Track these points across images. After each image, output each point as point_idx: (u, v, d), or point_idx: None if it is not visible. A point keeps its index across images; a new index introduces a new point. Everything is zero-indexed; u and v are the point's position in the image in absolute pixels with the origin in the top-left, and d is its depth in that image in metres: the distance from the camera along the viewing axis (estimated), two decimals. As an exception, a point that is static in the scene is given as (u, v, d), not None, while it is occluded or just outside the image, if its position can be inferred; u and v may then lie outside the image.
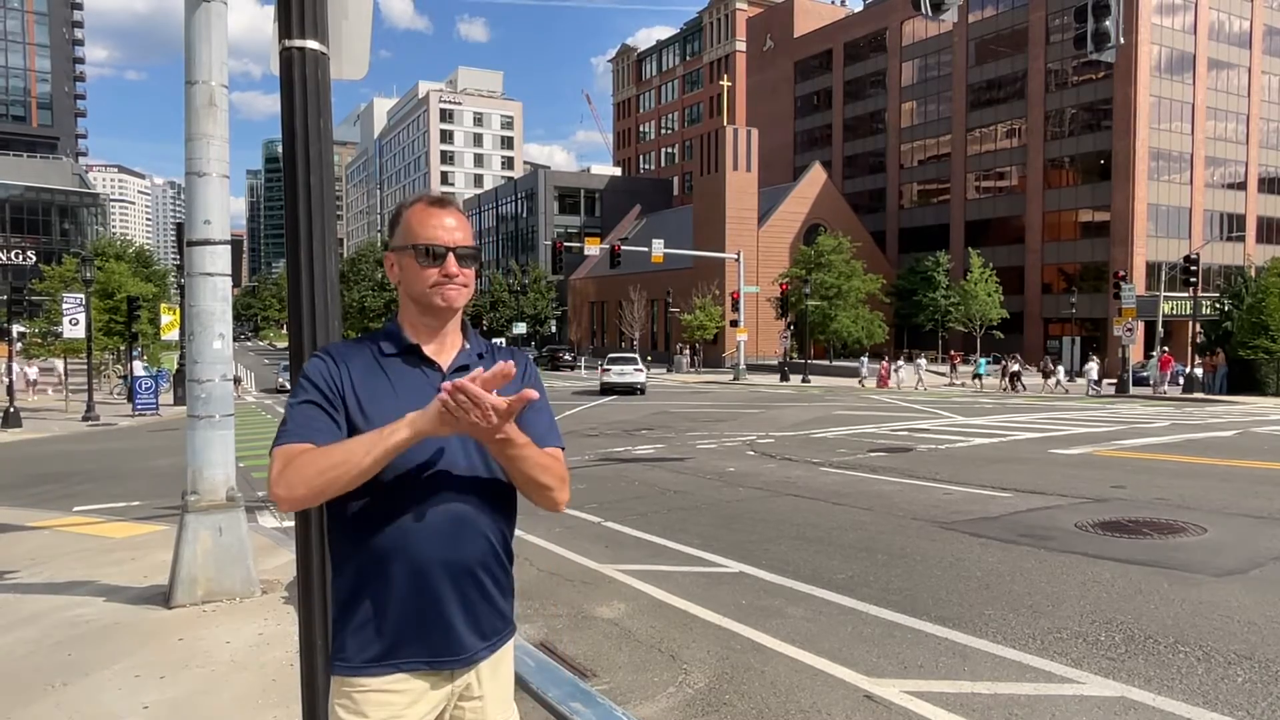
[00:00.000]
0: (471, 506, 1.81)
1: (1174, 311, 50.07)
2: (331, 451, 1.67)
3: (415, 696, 1.81)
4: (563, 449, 1.94)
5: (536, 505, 1.89)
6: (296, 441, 1.72)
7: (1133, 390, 35.13)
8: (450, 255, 1.81)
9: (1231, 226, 58.73)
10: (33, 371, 28.18)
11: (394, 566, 1.77)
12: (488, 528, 1.84)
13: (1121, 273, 40.59)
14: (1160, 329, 39.80)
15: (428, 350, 1.86)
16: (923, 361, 42.92)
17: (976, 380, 41.60)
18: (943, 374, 46.44)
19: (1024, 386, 38.01)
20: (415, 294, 1.84)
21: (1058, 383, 38.38)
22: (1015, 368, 39.10)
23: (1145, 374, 39.83)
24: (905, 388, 39.14)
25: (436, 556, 1.78)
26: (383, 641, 1.78)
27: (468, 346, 1.93)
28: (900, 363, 43.18)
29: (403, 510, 1.76)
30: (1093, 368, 38.38)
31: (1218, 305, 40.35)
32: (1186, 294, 41.07)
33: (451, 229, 1.83)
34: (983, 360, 43.99)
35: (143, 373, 31.13)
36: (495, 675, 1.92)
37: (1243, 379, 33.86)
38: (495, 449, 1.73)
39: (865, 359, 44.53)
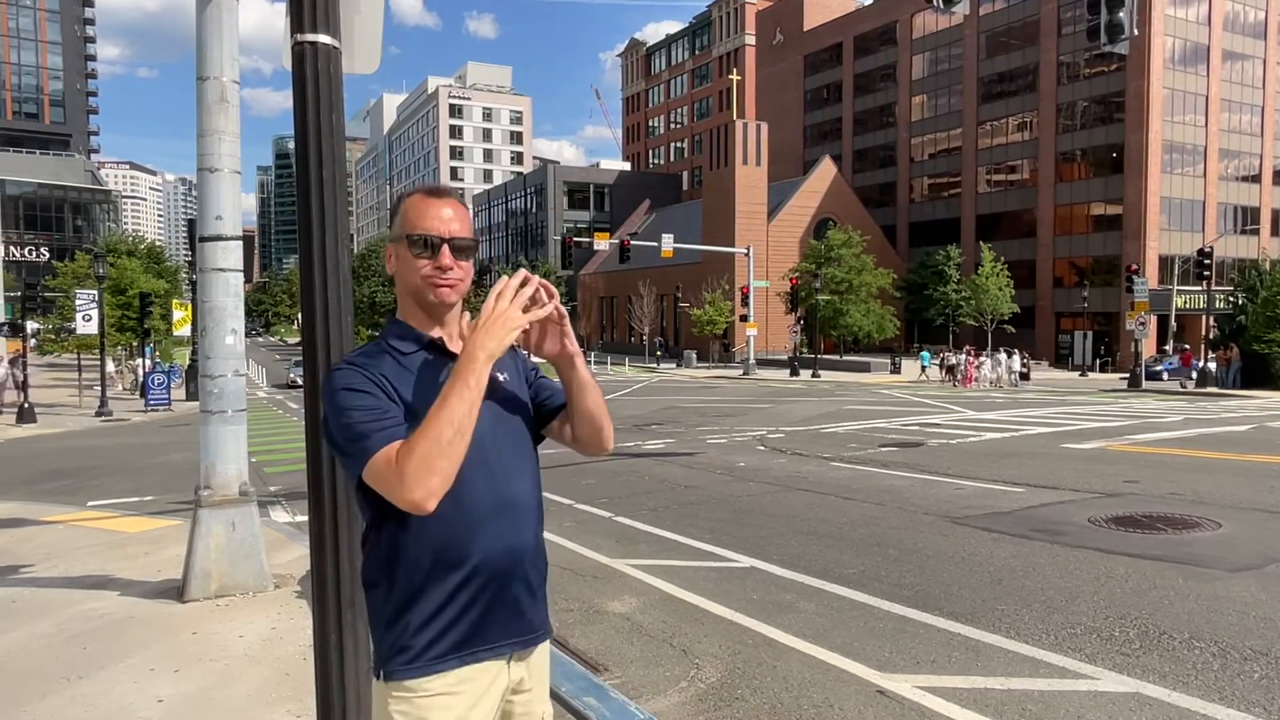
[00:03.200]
0: (524, 495, 1.85)
1: (1187, 305, 49.71)
2: (430, 427, 1.60)
3: (477, 696, 1.79)
4: None
5: (586, 448, 1.94)
6: (387, 442, 1.65)
7: (1145, 384, 34.93)
8: (445, 247, 1.79)
9: (1245, 219, 58.23)
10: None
11: (464, 556, 1.75)
12: (537, 514, 1.89)
13: (1134, 266, 40.21)
14: (1173, 323, 39.55)
15: (447, 343, 1.87)
16: (1002, 356, 39.90)
17: (924, 373, 42.16)
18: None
19: (958, 380, 38.95)
20: (410, 287, 1.83)
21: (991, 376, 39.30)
22: (953, 361, 40.51)
23: (1159, 368, 39.63)
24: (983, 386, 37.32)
25: (501, 544, 1.79)
26: (458, 631, 1.76)
27: None
28: (984, 358, 39.76)
29: (465, 499, 1.74)
30: (1015, 360, 38.81)
31: (1231, 299, 40.00)
32: (1200, 288, 40.72)
33: (447, 220, 1.81)
34: (925, 353, 44.64)
35: (151, 368, 31.33)
36: (541, 668, 1.96)
37: (1257, 373, 33.61)
38: (564, 363, 1.84)
39: (964, 355, 40.12)
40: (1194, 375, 34.87)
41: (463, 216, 1.84)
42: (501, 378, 1.87)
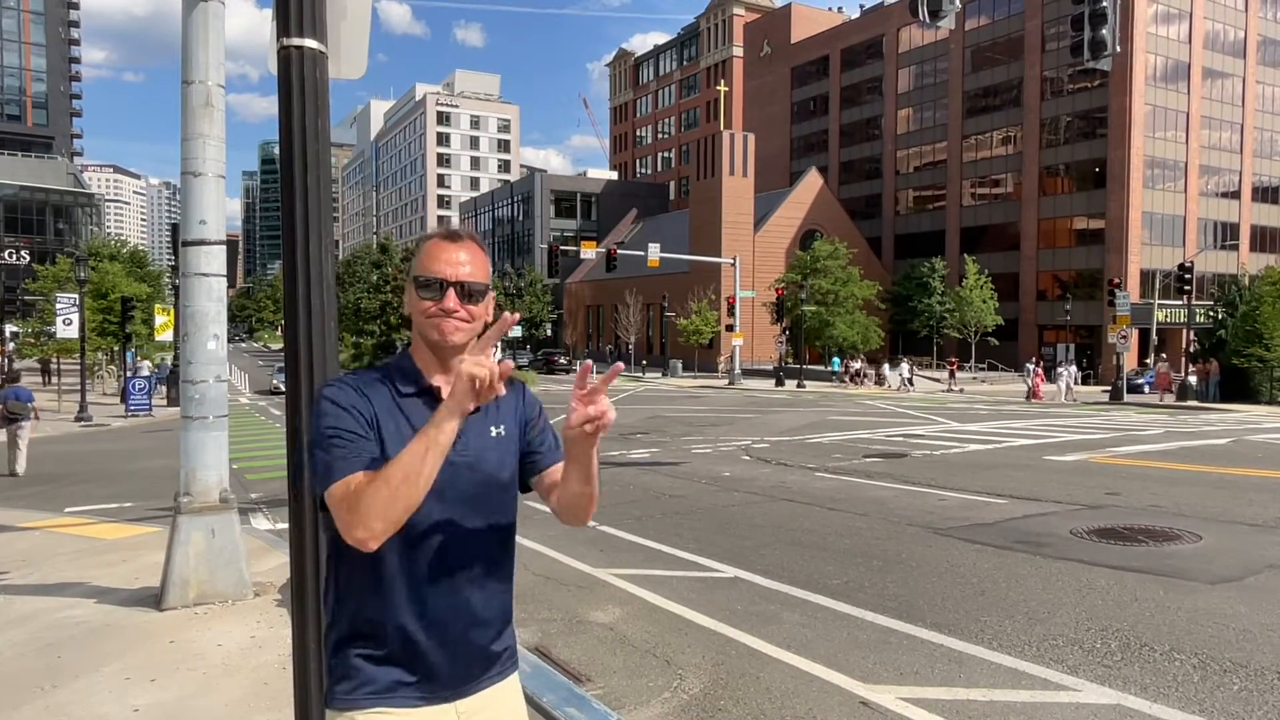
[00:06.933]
0: (486, 548, 1.80)
1: (1168, 319, 50.18)
2: (391, 473, 1.58)
3: None
4: None
5: (562, 519, 1.87)
6: (349, 473, 1.63)
7: (1127, 398, 35.21)
8: (451, 290, 1.75)
9: (1225, 235, 58.93)
10: None
11: (407, 596, 1.73)
12: (500, 569, 1.84)
13: (1116, 280, 40.63)
14: (1154, 336, 39.89)
15: (445, 391, 1.77)
16: (1074, 368, 38.28)
17: (834, 378, 46.06)
18: (938, 380, 46.67)
19: (859, 384, 43.56)
20: (416, 326, 1.81)
21: (897, 381, 42.72)
22: (856, 366, 45.28)
23: (1141, 381, 40.00)
24: (1049, 396, 36.20)
25: (456, 595, 1.75)
26: (399, 670, 1.73)
27: None
28: (1061, 369, 38.03)
29: (417, 537, 1.71)
30: (904, 366, 42.31)
31: (1212, 313, 40.43)
32: (1181, 302, 41.17)
33: (458, 264, 1.77)
34: (835, 359, 48.94)
35: (146, 373, 31.07)
36: (504, 698, 1.88)
37: (1236, 387, 33.96)
38: (585, 446, 1.68)
39: (1031, 366, 38.14)
40: (1173, 390, 35.16)
41: (478, 260, 1.81)
42: (494, 432, 1.82)
